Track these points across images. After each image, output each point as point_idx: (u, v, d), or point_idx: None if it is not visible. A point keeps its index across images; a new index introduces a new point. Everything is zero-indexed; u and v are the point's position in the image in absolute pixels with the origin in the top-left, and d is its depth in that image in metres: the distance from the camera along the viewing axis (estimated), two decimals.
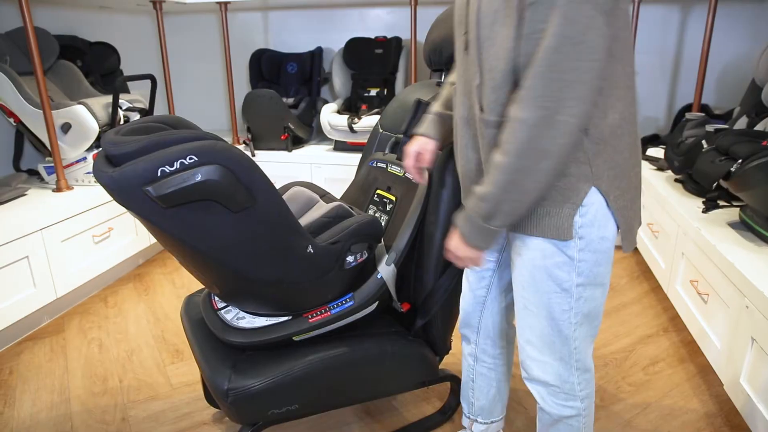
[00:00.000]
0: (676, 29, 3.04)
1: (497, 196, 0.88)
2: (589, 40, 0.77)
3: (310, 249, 1.13)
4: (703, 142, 2.03)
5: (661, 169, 2.53)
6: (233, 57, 3.40)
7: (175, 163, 0.92)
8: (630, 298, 2.34)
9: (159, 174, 0.92)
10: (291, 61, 3.39)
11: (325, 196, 1.48)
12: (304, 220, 1.27)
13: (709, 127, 2.09)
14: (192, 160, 0.93)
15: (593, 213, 0.94)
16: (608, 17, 0.79)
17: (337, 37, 3.46)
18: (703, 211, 1.91)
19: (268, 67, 3.40)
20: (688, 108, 2.90)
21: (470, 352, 1.33)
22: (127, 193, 0.93)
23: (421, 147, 1.21)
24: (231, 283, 1.15)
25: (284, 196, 1.39)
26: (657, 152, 2.78)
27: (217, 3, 3.18)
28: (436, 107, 1.23)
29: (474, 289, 1.25)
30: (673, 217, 2.04)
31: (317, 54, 3.35)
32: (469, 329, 1.31)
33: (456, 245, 1.00)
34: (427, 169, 1.28)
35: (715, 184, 1.83)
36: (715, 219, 1.85)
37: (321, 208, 1.31)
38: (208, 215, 0.99)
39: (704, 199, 1.97)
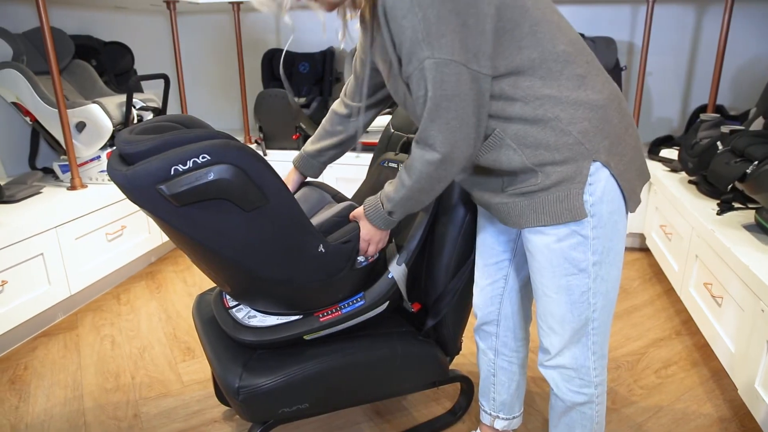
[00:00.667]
0: (691, 29, 3.01)
1: (398, 202, 1.05)
2: (461, 92, 0.88)
3: (321, 248, 1.13)
4: (718, 143, 2.00)
5: (674, 170, 2.50)
6: (245, 57, 3.42)
7: (188, 162, 0.93)
8: (642, 301, 2.32)
9: (172, 173, 0.92)
10: (303, 60, 3.40)
11: (337, 195, 1.48)
12: (316, 220, 1.27)
13: (724, 129, 2.07)
14: (205, 159, 0.93)
15: (601, 188, 0.96)
16: (476, 62, 0.88)
17: (349, 37, 3.45)
18: (717, 213, 1.89)
19: (279, 67, 3.41)
20: (702, 109, 2.87)
21: (490, 346, 1.34)
22: (141, 191, 0.93)
23: None
24: (242, 282, 1.16)
25: (296, 196, 1.40)
26: (671, 153, 2.75)
27: (230, 3, 3.20)
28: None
29: (491, 282, 1.27)
30: (686, 219, 2.02)
31: (329, 54, 3.36)
32: (488, 323, 1.32)
33: (367, 230, 1.14)
34: None
35: (730, 186, 1.81)
36: (730, 221, 1.83)
37: (332, 208, 1.31)
38: (220, 214, 0.99)
39: (719, 201, 1.95)
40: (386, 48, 0.95)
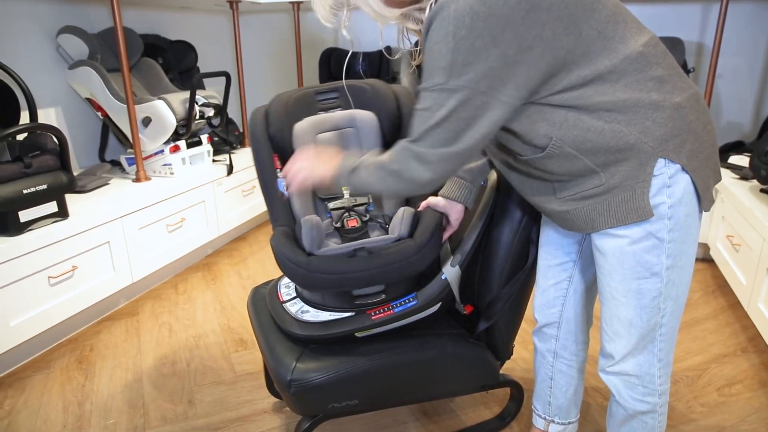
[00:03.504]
0: (766, 28, 2.84)
1: (359, 179, 1.02)
2: (469, 116, 0.88)
3: None
4: None
5: (744, 178, 2.37)
6: (303, 55, 3.48)
7: None
8: (704, 314, 2.21)
9: None
10: (360, 60, 3.43)
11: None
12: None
13: None
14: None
15: (681, 191, 0.93)
16: (503, 90, 0.86)
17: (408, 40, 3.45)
18: None
19: (337, 66, 3.45)
20: None
21: (549, 349, 1.32)
22: None
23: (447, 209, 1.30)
24: None
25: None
26: (741, 160, 2.60)
27: (290, 2, 3.26)
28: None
29: (555, 284, 1.25)
30: (757, 229, 1.91)
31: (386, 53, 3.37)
32: (549, 325, 1.30)
33: (314, 162, 1.10)
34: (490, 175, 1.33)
35: None
36: None
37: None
38: None
39: None
40: None
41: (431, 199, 1.30)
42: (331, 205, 1.41)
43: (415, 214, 1.28)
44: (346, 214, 1.38)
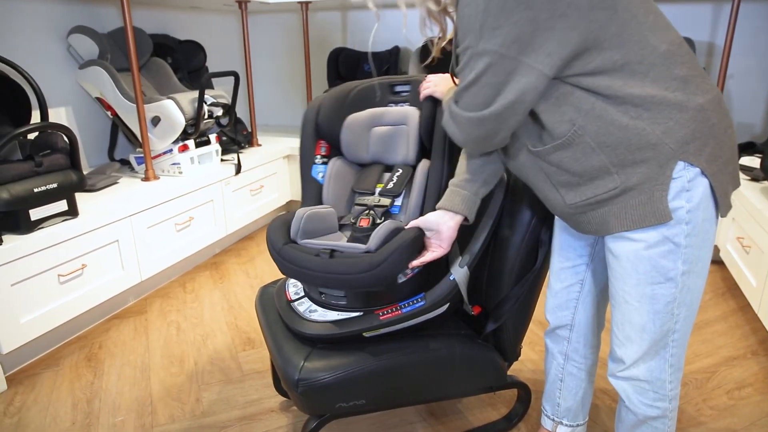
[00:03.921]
0: None
1: (446, 113, 1.03)
2: (500, 82, 0.88)
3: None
4: None
5: (755, 179, 2.35)
6: (312, 55, 3.48)
7: None
8: (714, 316, 2.19)
9: None
10: (368, 60, 3.43)
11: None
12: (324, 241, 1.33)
13: None
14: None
15: (699, 195, 0.92)
16: (534, 56, 0.85)
17: (414, 37, 3.46)
18: None
19: (345, 66, 3.45)
20: None
21: (560, 351, 1.32)
22: None
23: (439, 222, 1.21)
24: None
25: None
26: (752, 161, 2.58)
27: (299, 2, 3.27)
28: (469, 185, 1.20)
29: (566, 286, 1.24)
30: None
31: (394, 53, 3.37)
32: (561, 327, 1.29)
33: (438, 78, 1.30)
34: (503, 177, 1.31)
35: None
36: None
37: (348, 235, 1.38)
38: None
39: None
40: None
41: (420, 220, 1.23)
42: (357, 200, 1.43)
43: (395, 230, 1.22)
44: (366, 212, 1.39)
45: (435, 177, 1.31)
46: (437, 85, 1.31)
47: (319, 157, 1.46)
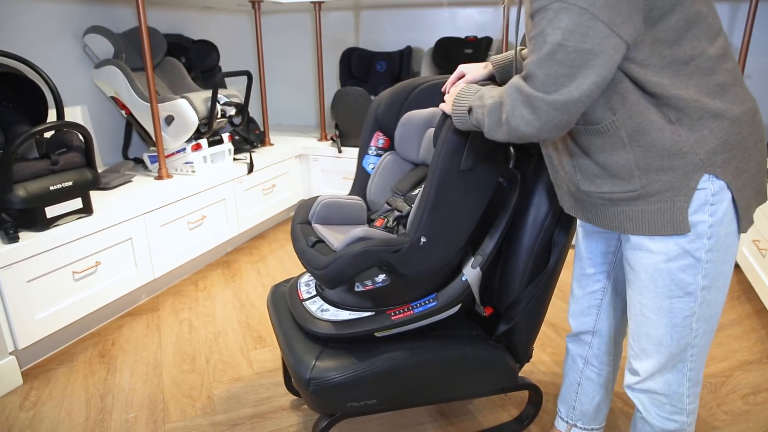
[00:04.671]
0: None
1: (479, 107, 0.97)
2: (585, 48, 0.78)
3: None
4: None
5: None
6: (324, 55, 3.49)
7: None
8: (729, 320, 2.16)
9: None
10: (380, 59, 3.43)
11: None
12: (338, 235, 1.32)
13: None
14: None
15: (723, 210, 0.90)
16: (620, 23, 0.78)
17: (427, 36, 3.46)
18: None
19: (357, 66, 3.46)
20: None
21: (581, 354, 1.31)
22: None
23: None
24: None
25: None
26: None
27: (312, 2, 3.27)
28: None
29: (588, 293, 1.23)
30: None
31: (406, 53, 3.37)
32: (584, 333, 1.28)
33: (470, 66, 1.20)
34: (517, 173, 1.27)
35: None
36: None
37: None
38: None
39: None
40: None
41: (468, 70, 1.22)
42: (389, 198, 1.45)
43: (360, 238, 1.20)
44: (389, 211, 1.39)
45: (422, 195, 1.19)
46: (465, 70, 1.21)
47: (373, 148, 1.50)
